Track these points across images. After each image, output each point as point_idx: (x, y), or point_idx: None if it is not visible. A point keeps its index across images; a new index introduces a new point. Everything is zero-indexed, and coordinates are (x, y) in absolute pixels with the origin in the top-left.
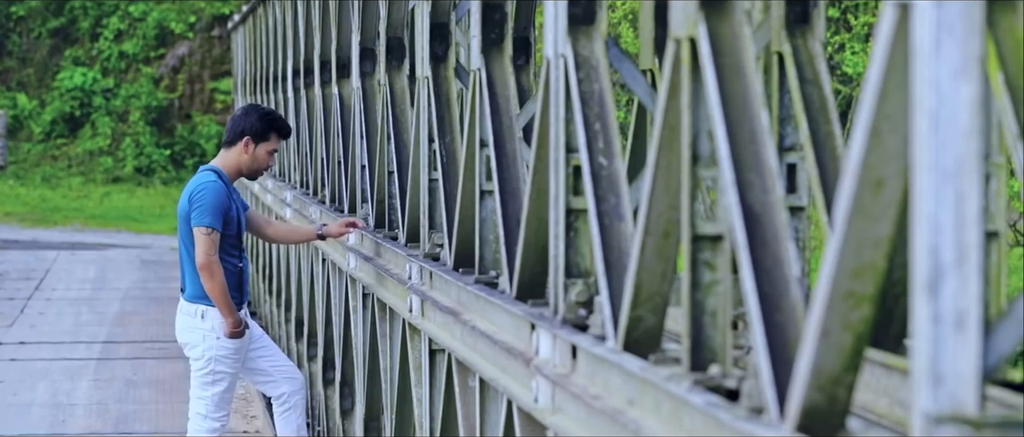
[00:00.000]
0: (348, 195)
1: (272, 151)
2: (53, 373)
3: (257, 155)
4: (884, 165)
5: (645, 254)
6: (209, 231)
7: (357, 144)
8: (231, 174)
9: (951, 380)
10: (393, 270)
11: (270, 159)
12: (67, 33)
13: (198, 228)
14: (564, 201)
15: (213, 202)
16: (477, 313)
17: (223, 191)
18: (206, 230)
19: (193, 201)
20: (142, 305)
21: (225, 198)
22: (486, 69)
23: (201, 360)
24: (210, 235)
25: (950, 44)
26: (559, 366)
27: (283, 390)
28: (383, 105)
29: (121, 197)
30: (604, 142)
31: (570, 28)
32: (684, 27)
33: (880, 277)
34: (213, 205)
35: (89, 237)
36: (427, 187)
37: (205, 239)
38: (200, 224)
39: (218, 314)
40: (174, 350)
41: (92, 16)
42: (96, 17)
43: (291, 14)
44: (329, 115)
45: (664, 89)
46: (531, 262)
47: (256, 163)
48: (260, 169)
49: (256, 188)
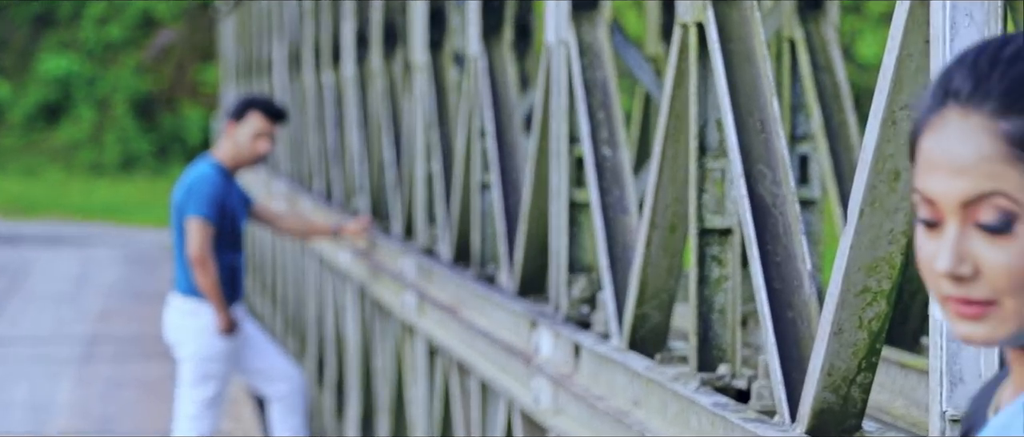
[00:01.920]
0: (343, 187)
1: (258, 134)
2: (34, 372)
3: (238, 139)
4: (901, 156)
5: (651, 248)
6: (202, 223)
7: (351, 133)
8: (228, 164)
9: (970, 381)
10: (388, 265)
11: (257, 143)
12: (48, 18)
13: (190, 219)
14: (566, 193)
15: (207, 193)
16: (476, 310)
17: (218, 182)
18: (198, 221)
19: (186, 191)
20: (126, 301)
21: (220, 190)
22: (485, 56)
23: (191, 358)
24: (203, 227)
25: (968, 29)
26: (561, 365)
27: (281, 390)
28: (377, 93)
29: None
30: (608, 132)
31: (572, 13)
32: (691, 11)
33: (896, 272)
34: (207, 196)
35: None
36: (424, 179)
37: (197, 231)
38: (192, 215)
39: (210, 310)
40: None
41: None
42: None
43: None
44: (322, 103)
45: (670, 76)
46: (532, 257)
47: (238, 148)
48: (249, 153)
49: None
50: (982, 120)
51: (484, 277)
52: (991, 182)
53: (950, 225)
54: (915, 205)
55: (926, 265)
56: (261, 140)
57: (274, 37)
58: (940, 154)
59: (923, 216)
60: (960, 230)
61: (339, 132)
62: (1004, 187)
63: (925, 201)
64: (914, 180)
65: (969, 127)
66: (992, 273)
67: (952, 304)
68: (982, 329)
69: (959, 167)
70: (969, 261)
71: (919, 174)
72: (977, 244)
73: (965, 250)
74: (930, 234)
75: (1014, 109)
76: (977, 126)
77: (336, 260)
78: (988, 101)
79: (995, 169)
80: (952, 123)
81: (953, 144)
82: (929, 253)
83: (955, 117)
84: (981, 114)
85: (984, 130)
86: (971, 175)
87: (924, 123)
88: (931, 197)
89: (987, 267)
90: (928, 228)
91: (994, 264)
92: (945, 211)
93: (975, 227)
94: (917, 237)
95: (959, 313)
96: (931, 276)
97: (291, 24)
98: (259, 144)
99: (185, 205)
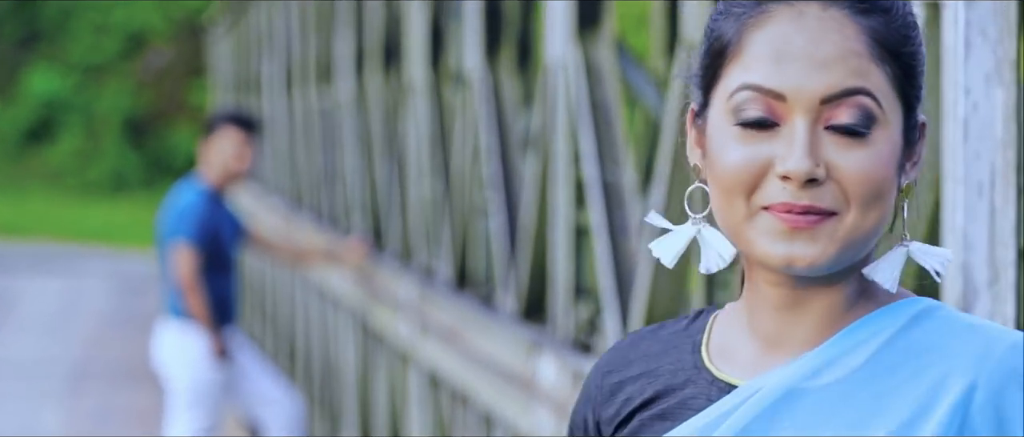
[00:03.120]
0: (342, 209)
1: (235, 147)
2: (20, 400)
3: (217, 157)
4: None
5: (656, 272)
6: (187, 247)
7: (347, 154)
8: (215, 185)
9: None
10: (385, 288)
11: (236, 156)
12: (36, 34)
13: (176, 244)
14: (569, 215)
15: (192, 218)
16: (476, 334)
17: (204, 207)
18: (184, 246)
19: (171, 216)
20: (117, 327)
21: (206, 214)
22: (485, 74)
23: (182, 384)
24: (188, 252)
25: (982, 46)
26: (563, 390)
27: (277, 415)
28: (375, 112)
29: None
30: (611, 153)
31: (575, 31)
32: (697, 28)
33: None
34: (192, 221)
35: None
36: (422, 200)
37: (182, 256)
38: (177, 240)
39: (201, 335)
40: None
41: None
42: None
43: (279, 15)
44: (317, 123)
45: (676, 97)
46: (534, 280)
47: (220, 166)
48: (233, 169)
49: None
50: (843, 14)
51: (484, 300)
52: (858, 79)
53: (798, 124)
54: (729, 103)
55: (745, 171)
56: (240, 153)
57: (267, 55)
58: (800, 46)
59: (752, 115)
60: (810, 128)
61: (334, 152)
62: (868, 86)
63: (764, 96)
64: (735, 75)
65: (832, 19)
66: (849, 179)
67: (782, 216)
68: (813, 248)
69: (823, 60)
70: (822, 163)
71: (754, 66)
72: (828, 148)
73: (817, 152)
74: (755, 136)
75: (875, 6)
76: (839, 19)
77: (332, 284)
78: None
79: (862, 66)
80: (810, 13)
81: (816, 35)
82: (750, 157)
83: (814, 8)
84: (841, 8)
85: (850, 25)
86: (838, 70)
87: (755, 16)
88: (780, 91)
89: (843, 172)
90: (755, 129)
91: (852, 169)
92: (794, 108)
93: (827, 129)
94: (720, 143)
95: (794, 224)
96: (747, 184)
97: (285, 42)
98: (239, 158)
99: (170, 230)
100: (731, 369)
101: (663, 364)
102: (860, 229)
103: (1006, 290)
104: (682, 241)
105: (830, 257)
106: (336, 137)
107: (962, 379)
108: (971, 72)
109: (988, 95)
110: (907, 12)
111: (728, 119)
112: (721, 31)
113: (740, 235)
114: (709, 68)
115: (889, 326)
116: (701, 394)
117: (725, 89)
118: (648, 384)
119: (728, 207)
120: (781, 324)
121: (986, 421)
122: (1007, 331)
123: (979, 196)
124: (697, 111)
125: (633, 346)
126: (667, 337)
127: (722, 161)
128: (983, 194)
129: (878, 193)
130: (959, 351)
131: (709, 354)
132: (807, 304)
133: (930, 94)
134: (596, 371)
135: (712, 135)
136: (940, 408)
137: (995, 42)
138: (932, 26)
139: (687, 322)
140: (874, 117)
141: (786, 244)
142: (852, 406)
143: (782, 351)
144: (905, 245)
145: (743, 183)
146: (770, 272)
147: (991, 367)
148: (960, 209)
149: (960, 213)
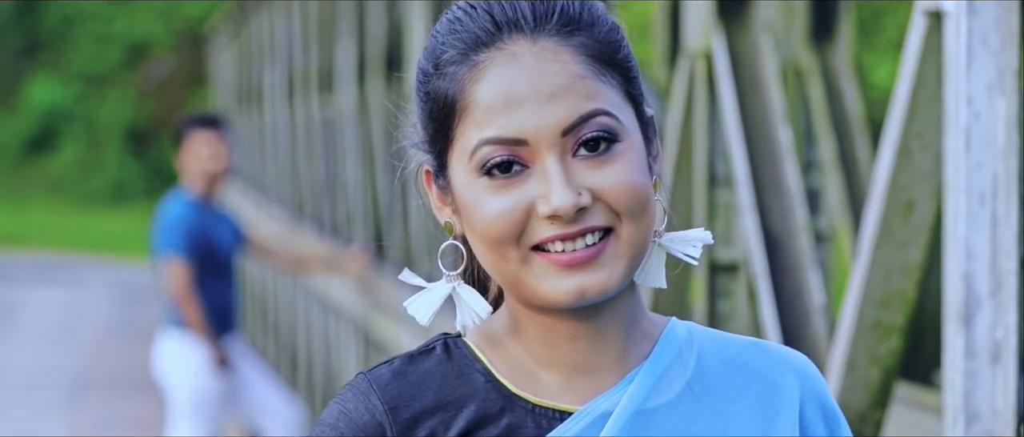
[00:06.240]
0: (343, 218)
1: (208, 148)
2: (22, 409)
3: (194, 163)
4: (914, 186)
5: None
6: (176, 259)
7: (349, 163)
8: (199, 192)
9: (986, 417)
10: (387, 300)
11: (212, 157)
12: (37, 44)
13: (165, 257)
14: None
15: (177, 229)
16: None
17: (190, 217)
18: (173, 258)
19: (158, 229)
20: (118, 336)
21: (193, 223)
22: None
23: (182, 394)
24: (178, 263)
25: (984, 56)
26: None
27: (279, 424)
28: (376, 121)
29: (95, 220)
30: None
31: None
32: (699, 37)
33: (910, 307)
34: (178, 232)
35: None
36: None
37: (172, 268)
38: (166, 252)
39: (201, 345)
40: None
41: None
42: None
43: (281, 25)
44: (319, 132)
45: (678, 105)
46: None
47: (199, 172)
48: (210, 171)
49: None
50: (553, 43)
51: None
52: (590, 101)
53: (548, 160)
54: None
55: (509, 219)
56: (214, 152)
57: (268, 64)
58: (524, 87)
59: (496, 160)
60: (561, 162)
61: (336, 161)
62: (602, 105)
63: (506, 147)
64: (471, 134)
65: (544, 51)
66: (613, 195)
67: (558, 257)
68: (601, 274)
69: (551, 93)
70: (584, 191)
71: (487, 121)
72: (583, 174)
73: (574, 181)
74: (509, 183)
75: (580, 24)
76: (552, 49)
77: (334, 294)
78: (550, 22)
79: (589, 87)
80: (523, 53)
81: (535, 72)
82: (509, 205)
83: (524, 47)
84: (549, 37)
85: (563, 51)
86: (568, 98)
87: (469, 70)
88: (520, 137)
89: (605, 190)
90: (505, 176)
91: (612, 185)
92: (539, 148)
93: (575, 157)
94: (474, 199)
95: (572, 261)
96: (513, 231)
97: (287, 51)
98: (214, 157)
99: (160, 244)
100: (548, 395)
101: (458, 395)
102: (637, 239)
103: (1008, 300)
104: (437, 299)
105: (619, 277)
106: (338, 146)
107: (791, 390)
108: (973, 82)
109: (990, 105)
110: (606, 17)
111: (474, 175)
112: (439, 92)
113: (518, 282)
114: (439, 131)
115: (685, 347)
116: (525, 422)
117: (463, 149)
118: (453, 416)
119: (499, 258)
120: (581, 353)
121: (817, 421)
122: (777, 346)
123: (981, 206)
124: (434, 173)
125: (400, 379)
126: (436, 369)
127: (481, 215)
128: (985, 204)
129: (643, 200)
130: (771, 367)
131: (509, 382)
132: (601, 325)
133: (932, 104)
134: (371, 409)
135: (462, 193)
136: (783, 415)
137: (997, 52)
138: (934, 36)
139: (441, 352)
140: (615, 131)
141: (572, 277)
142: (701, 420)
143: (593, 375)
144: (657, 240)
145: (509, 231)
146: (559, 308)
147: (805, 376)
148: (962, 219)
149: (962, 223)
